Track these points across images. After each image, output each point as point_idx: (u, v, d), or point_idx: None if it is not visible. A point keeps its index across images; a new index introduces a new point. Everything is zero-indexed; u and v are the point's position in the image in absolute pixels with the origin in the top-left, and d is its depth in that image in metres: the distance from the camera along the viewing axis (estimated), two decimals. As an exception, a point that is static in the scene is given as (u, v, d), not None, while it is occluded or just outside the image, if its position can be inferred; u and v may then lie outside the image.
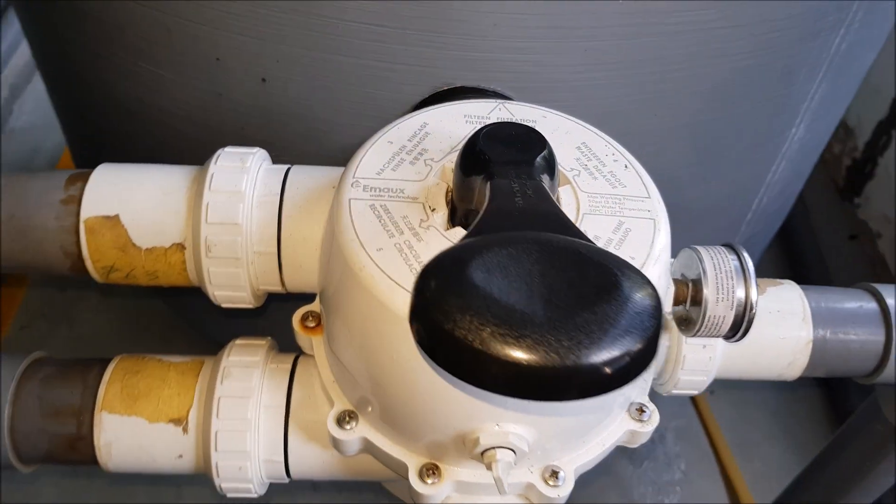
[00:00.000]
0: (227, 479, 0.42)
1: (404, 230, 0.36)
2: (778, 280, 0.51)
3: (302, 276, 0.42)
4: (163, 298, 0.96)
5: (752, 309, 0.41)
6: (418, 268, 0.34)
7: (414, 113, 0.41)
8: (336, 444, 0.40)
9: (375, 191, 0.37)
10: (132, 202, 0.41)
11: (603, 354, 0.23)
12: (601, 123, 0.61)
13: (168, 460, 0.43)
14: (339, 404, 0.40)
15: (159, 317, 1.04)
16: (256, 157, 0.42)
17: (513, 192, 0.31)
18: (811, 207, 1.35)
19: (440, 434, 0.37)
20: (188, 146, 0.66)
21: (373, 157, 0.39)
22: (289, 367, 0.44)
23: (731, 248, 0.43)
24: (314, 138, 0.62)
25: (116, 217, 0.40)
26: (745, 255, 0.43)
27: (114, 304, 1.07)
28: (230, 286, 0.41)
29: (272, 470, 0.43)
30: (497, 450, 0.36)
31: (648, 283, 0.25)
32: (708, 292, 0.40)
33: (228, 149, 0.43)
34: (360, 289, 0.34)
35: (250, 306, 0.43)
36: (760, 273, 0.43)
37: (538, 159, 0.34)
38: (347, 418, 0.40)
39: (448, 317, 0.23)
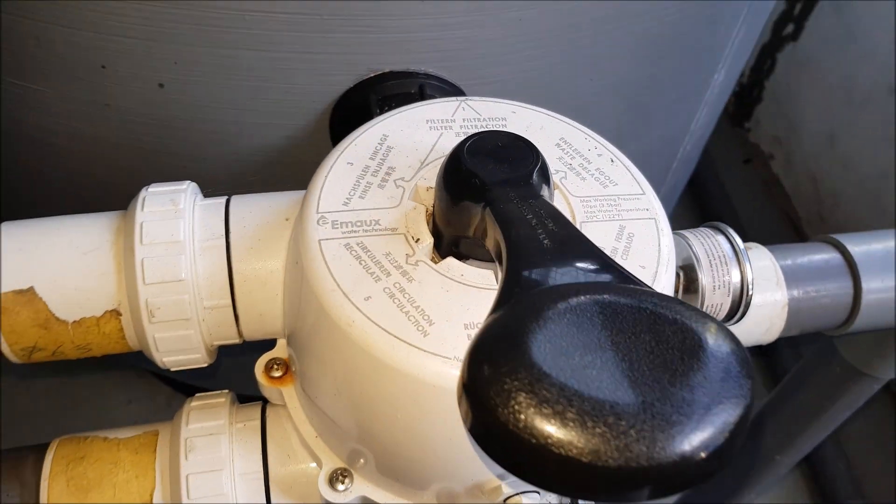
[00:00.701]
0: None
1: (391, 271, 0.31)
2: (746, 245, 0.49)
3: (263, 324, 0.37)
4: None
5: (748, 292, 0.39)
6: (416, 314, 0.30)
7: (368, 125, 0.36)
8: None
9: (347, 226, 0.32)
10: (47, 269, 0.34)
11: (707, 434, 0.19)
12: (533, 94, 0.58)
13: (133, 551, 0.38)
14: (327, 463, 0.36)
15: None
16: (188, 194, 0.36)
17: (527, 220, 0.27)
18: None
19: (455, 483, 0.33)
20: (80, 167, 0.58)
21: (334, 185, 0.34)
22: (258, 423, 0.39)
23: (716, 228, 0.41)
24: (224, 143, 0.55)
25: (31, 290, 0.34)
26: (733, 234, 0.41)
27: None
28: (181, 350, 0.36)
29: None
30: (522, 495, 0.33)
31: (727, 332, 0.22)
32: (704, 281, 0.38)
33: (153, 188, 0.36)
34: (351, 345, 0.30)
35: (204, 366, 0.38)
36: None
37: (535, 172, 0.30)
38: (340, 477, 0.36)
39: (520, 419, 0.19)
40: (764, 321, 0.48)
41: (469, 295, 0.31)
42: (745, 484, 0.71)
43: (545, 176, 0.30)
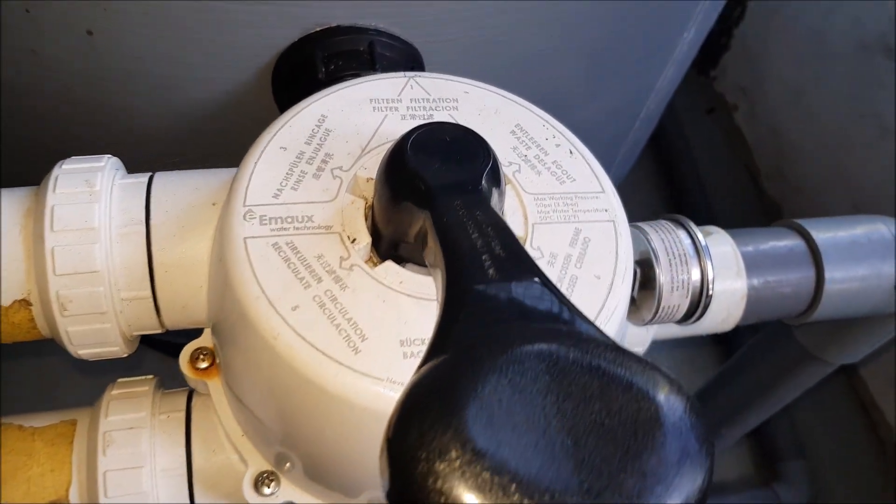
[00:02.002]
0: (128, 556, 0.36)
1: (322, 276, 0.28)
2: (705, 228, 0.48)
3: (187, 315, 0.34)
4: None
5: (709, 292, 0.37)
6: (348, 328, 0.27)
7: (305, 103, 0.33)
8: (258, 508, 0.34)
9: (276, 222, 0.29)
10: (-55, 254, 0.31)
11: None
12: (491, 52, 0.54)
13: (50, 545, 0.35)
14: (253, 465, 0.34)
15: None
16: (106, 173, 0.33)
17: (471, 240, 0.24)
18: (671, 84, 1.34)
19: (387, 494, 0.32)
20: (7, 119, 0.54)
21: (265, 173, 0.31)
22: (183, 414, 0.37)
23: (677, 222, 0.39)
24: (159, 97, 0.51)
25: (-73, 277, 0.30)
26: (694, 229, 0.39)
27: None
28: (96, 343, 0.33)
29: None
30: None
31: (687, 400, 0.20)
32: (662, 279, 0.36)
33: (67, 165, 0.33)
34: (276, 358, 0.27)
35: (122, 356, 0.35)
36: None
37: (485, 175, 0.27)
38: (266, 481, 0.34)
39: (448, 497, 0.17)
40: (721, 311, 0.46)
41: (407, 306, 0.28)
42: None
43: (496, 178, 0.28)
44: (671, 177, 1.31)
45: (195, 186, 0.33)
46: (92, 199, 0.31)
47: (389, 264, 0.29)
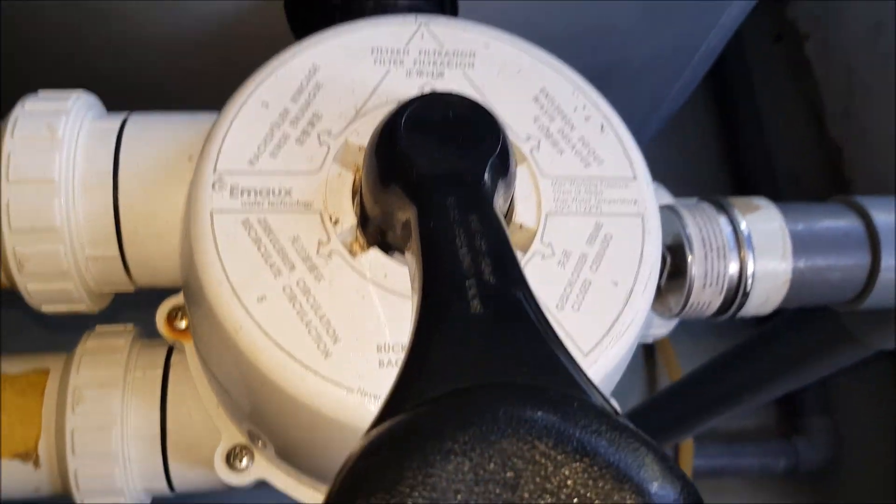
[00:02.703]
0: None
1: (296, 263, 0.25)
2: (752, 201, 0.43)
3: (159, 277, 0.31)
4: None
5: (746, 289, 0.33)
6: (319, 327, 0.24)
7: (295, 50, 0.29)
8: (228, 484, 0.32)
9: (249, 195, 0.26)
10: None
11: None
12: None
13: (25, 493, 0.34)
14: (226, 437, 0.31)
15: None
16: (73, 115, 0.29)
17: (458, 260, 0.20)
18: (738, 7, 1.24)
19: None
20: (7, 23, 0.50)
21: (241, 134, 0.27)
22: (159, 372, 0.34)
23: (719, 206, 0.34)
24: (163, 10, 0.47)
25: None
26: (738, 215, 0.34)
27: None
28: (59, 301, 0.30)
29: (155, 492, 0.35)
30: None
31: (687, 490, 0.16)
32: (695, 271, 0.32)
33: (30, 103, 0.29)
34: (238, 352, 0.24)
35: (93, 313, 0.32)
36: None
37: (490, 165, 0.23)
38: (240, 454, 0.31)
39: None
40: (760, 295, 0.42)
41: (390, 305, 0.25)
42: (709, 412, 0.69)
43: (504, 169, 0.23)
44: (726, 107, 1.23)
45: (171, 136, 0.30)
46: (53, 147, 0.28)
47: (374, 253, 0.25)
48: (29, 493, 0.34)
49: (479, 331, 0.18)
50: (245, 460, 0.31)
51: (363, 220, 0.26)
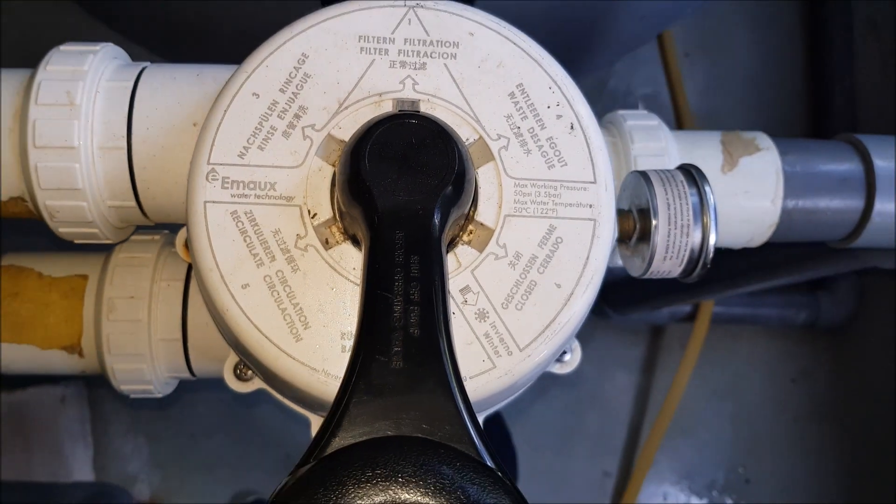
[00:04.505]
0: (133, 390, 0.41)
1: (276, 255, 0.29)
2: (754, 141, 0.44)
3: (172, 217, 0.35)
4: None
5: (705, 259, 0.36)
6: (293, 314, 0.28)
7: (285, 36, 0.30)
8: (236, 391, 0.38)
9: (238, 187, 0.29)
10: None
11: None
12: None
13: (70, 373, 0.41)
14: (233, 353, 0.37)
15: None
16: (89, 79, 0.32)
17: (391, 302, 0.24)
18: None
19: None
20: None
21: (233, 124, 0.29)
22: (181, 284, 0.39)
23: (691, 178, 0.36)
24: None
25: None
26: (708, 190, 0.36)
27: None
28: (88, 237, 0.35)
29: (180, 377, 0.42)
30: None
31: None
32: (657, 240, 0.34)
33: (53, 63, 0.32)
34: (226, 326, 0.29)
35: (116, 243, 0.37)
36: None
37: (441, 199, 0.26)
38: (245, 367, 0.37)
39: None
40: (746, 234, 0.44)
41: (356, 296, 0.29)
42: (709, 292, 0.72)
43: (457, 198, 0.26)
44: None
45: (177, 102, 0.32)
46: (72, 115, 0.31)
47: (346, 247, 0.29)
48: (76, 374, 0.41)
49: (398, 387, 0.22)
50: (250, 372, 0.37)
51: (340, 214, 0.29)
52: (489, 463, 0.22)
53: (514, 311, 0.29)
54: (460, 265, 0.29)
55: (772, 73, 1.13)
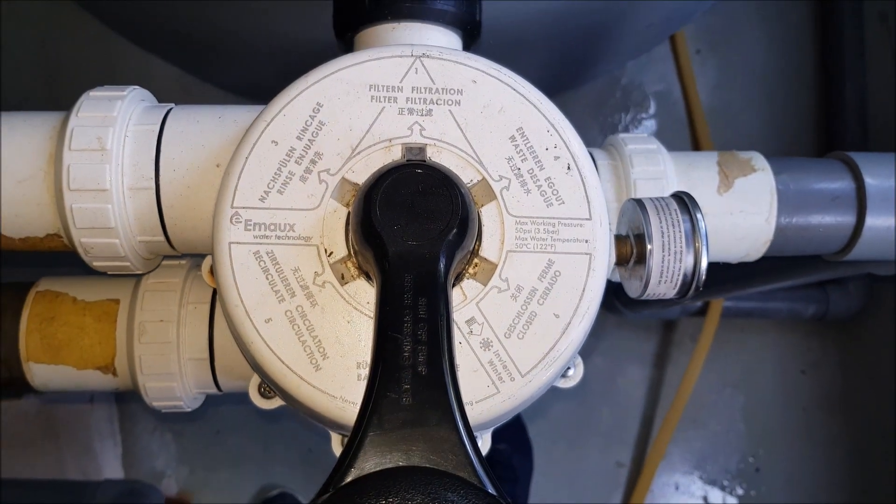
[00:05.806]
0: (164, 406, 0.44)
1: (296, 291, 0.31)
2: (748, 162, 0.45)
3: (199, 249, 0.37)
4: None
5: (698, 282, 0.38)
6: (312, 345, 0.31)
7: (300, 87, 0.32)
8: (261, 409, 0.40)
9: (260, 229, 0.31)
10: (-15, 194, 0.35)
11: None
12: None
13: (104, 390, 0.44)
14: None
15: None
16: (118, 124, 0.34)
17: (401, 342, 0.26)
18: None
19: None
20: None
21: (255, 170, 0.32)
22: (207, 307, 0.42)
23: (683, 206, 0.38)
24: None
25: (-27, 213, 0.35)
26: (700, 218, 0.38)
27: None
28: (120, 269, 0.37)
29: (207, 392, 0.44)
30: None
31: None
32: (652, 265, 0.36)
33: (84, 109, 0.34)
34: (250, 356, 0.32)
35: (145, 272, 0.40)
36: None
37: (446, 244, 0.28)
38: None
39: None
40: (741, 251, 0.46)
41: (370, 328, 0.31)
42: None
43: (461, 241, 0.28)
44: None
45: (201, 142, 0.35)
46: (103, 160, 0.34)
47: (360, 283, 0.31)
48: (109, 392, 0.44)
49: (407, 421, 0.25)
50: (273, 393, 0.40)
51: (354, 252, 0.32)
52: (490, 489, 0.24)
53: (516, 340, 0.31)
54: (466, 298, 0.31)
55: (782, 69, 1.14)
